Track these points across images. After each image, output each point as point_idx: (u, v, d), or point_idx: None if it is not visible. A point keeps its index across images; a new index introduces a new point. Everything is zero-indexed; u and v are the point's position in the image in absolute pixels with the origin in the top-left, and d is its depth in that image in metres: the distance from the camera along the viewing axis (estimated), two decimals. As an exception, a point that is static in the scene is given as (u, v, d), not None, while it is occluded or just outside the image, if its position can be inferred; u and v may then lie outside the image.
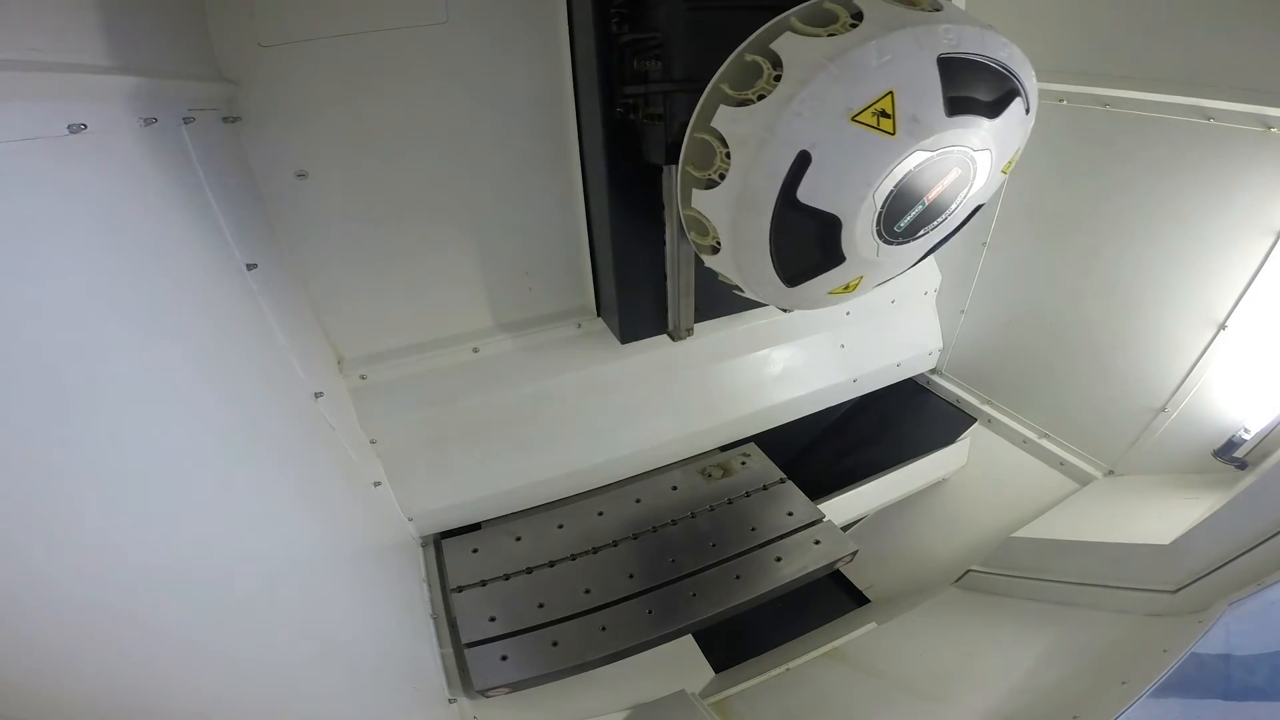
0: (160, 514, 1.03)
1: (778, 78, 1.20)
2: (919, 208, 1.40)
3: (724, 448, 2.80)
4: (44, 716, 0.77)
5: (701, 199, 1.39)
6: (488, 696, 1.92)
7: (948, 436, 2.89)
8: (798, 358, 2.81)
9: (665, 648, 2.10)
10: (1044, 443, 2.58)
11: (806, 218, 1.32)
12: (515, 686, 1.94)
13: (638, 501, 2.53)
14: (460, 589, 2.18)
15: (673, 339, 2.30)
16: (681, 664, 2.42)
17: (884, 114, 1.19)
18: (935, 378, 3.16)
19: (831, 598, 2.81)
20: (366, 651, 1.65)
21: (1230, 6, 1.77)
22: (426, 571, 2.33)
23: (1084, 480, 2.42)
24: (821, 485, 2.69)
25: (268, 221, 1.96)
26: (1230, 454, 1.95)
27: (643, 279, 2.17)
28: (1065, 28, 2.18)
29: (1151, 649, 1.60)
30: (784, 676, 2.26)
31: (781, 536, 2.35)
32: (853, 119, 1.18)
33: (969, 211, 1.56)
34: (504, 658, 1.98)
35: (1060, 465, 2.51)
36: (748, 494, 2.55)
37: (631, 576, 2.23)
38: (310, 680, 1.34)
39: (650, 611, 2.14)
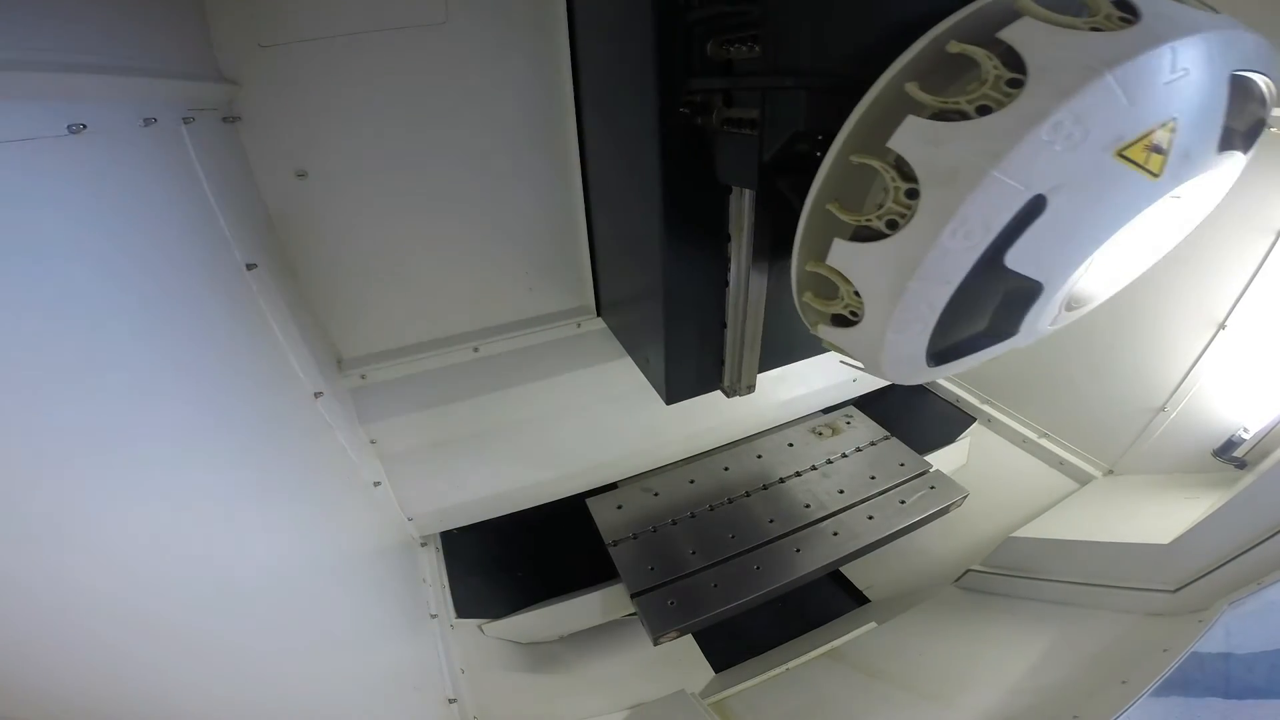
0: (158, 513, 1.03)
1: (1014, 83, 0.82)
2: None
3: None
4: (44, 716, 0.77)
5: (846, 253, 0.98)
6: (659, 643, 1.99)
7: (947, 436, 2.88)
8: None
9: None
10: (1044, 442, 2.58)
11: (998, 285, 0.95)
12: (684, 630, 2.02)
13: (759, 457, 2.69)
14: (616, 543, 2.29)
15: (727, 395, 1.96)
16: (681, 664, 2.42)
17: (1157, 149, 0.84)
18: (935, 377, 3.15)
19: (831, 598, 2.80)
20: (365, 651, 1.66)
21: (1228, 7, 1.77)
22: (427, 571, 2.33)
23: (1084, 480, 2.42)
24: (821, 485, 2.68)
25: (268, 221, 1.96)
26: (1229, 454, 1.95)
27: (694, 327, 1.80)
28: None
29: (1151, 648, 1.60)
30: (784, 676, 2.26)
31: (901, 484, 2.50)
32: (1118, 154, 0.83)
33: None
34: (671, 603, 2.06)
35: (1060, 465, 2.51)
36: (859, 449, 2.71)
37: (771, 521, 2.35)
38: (309, 679, 1.34)
39: (799, 550, 2.24)
